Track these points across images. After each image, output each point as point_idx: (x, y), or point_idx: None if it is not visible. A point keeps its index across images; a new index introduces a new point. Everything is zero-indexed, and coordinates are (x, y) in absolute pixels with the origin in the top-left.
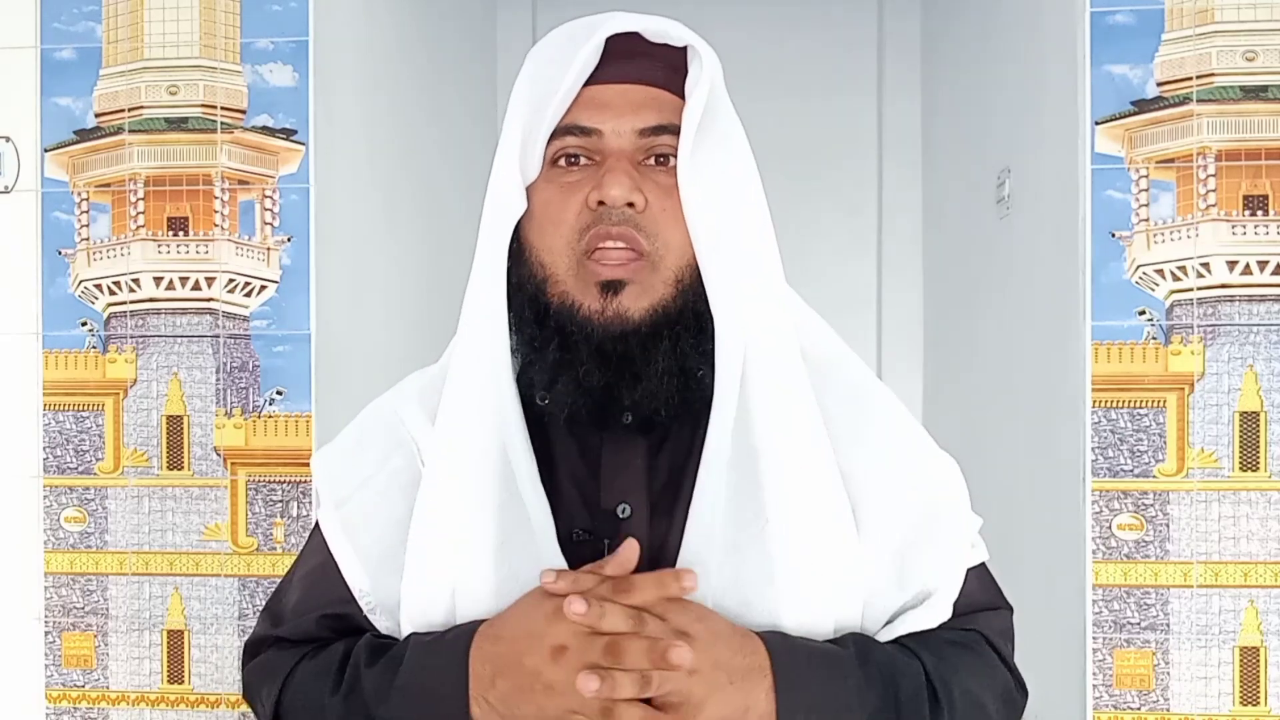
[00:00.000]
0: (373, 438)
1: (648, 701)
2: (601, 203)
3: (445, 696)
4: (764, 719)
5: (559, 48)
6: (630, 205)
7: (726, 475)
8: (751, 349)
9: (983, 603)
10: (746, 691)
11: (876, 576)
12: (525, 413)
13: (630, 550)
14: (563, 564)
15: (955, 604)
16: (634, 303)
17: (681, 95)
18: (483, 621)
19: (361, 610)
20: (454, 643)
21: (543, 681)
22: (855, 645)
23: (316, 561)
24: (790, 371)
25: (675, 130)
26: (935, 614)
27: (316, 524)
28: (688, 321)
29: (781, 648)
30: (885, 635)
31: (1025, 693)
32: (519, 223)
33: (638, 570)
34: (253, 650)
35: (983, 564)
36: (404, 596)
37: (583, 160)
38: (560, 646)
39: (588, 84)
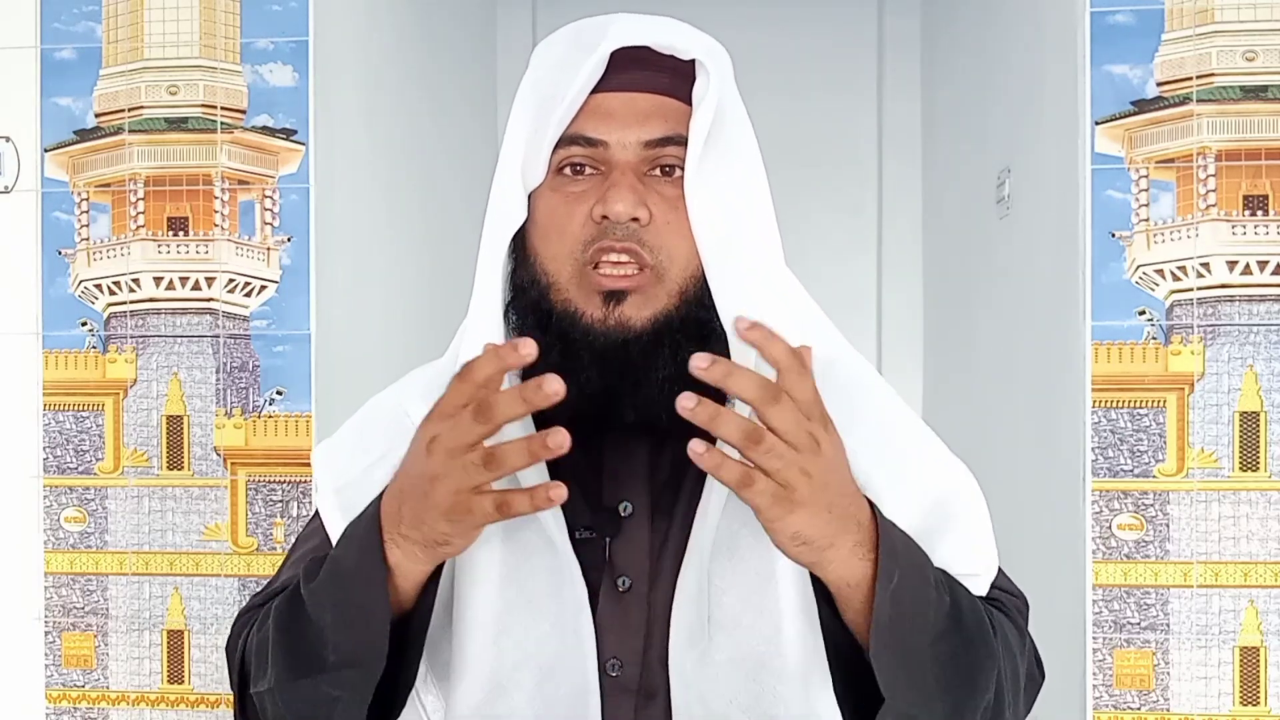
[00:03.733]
0: (375, 430)
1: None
2: (605, 216)
3: (362, 552)
4: (857, 578)
5: (565, 52)
6: (635, 220)
7: None
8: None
9: (1006, 587)
10: (836, 531)
11: None
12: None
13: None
14: (573, 560)
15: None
16: (636, 312)
17: (689, 101)
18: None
19: None
20: (370, 506)
21: (427, 477)
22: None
23: (311, 545)
24: None
25: (681, 141)
26: (975, 587)
27: (313, 515)
28: (690, 330)
29: (885, 518)
30: None
31: (1043, 671)
32: (524, 227)
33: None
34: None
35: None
36: None
37: (588, 170)
38: (432, 438)
39: (594, 91)
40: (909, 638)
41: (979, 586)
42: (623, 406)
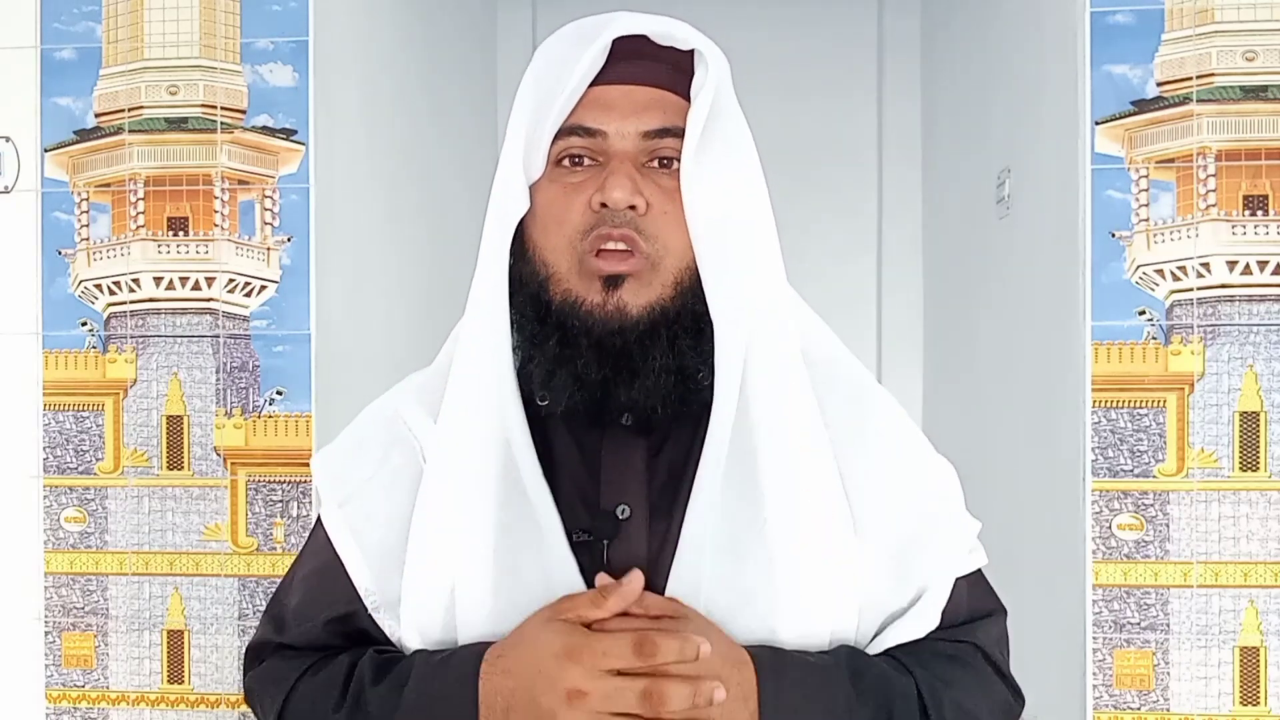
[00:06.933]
0: (373, 437)
1: None
2: (604, 205)
3: None
4: None
5: (566, 47)
6: (632, 208)
7: (725, 476)
8: (751, 352)
9: (979, 610)
10: (730, 715)
11: (874, 579)
12: (526, 412)
13: (636, 581)
14: (571, 562)
15: (949, 612)
16: (633, 298)
17: (687, 97)
18: (487, 645)
19: (366, 610)
20: (460, 667)
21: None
22: (848, 660)
23: (318, 563)
24: (790, 374)
25: (679, 133)
26: (923, 623)
27: (316, 524)
28: (686, 322)
29: (769, 668)
30: (875, 647)
31: (1022, 700)
32: (522, 221)
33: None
34: (255, 654)
35: (978, 570)
36: (404, 592)
37: (586, 161)
38: (577, 690)
39: (594, 84)
40: None
41: (929, 613)
42: (620, 399)
